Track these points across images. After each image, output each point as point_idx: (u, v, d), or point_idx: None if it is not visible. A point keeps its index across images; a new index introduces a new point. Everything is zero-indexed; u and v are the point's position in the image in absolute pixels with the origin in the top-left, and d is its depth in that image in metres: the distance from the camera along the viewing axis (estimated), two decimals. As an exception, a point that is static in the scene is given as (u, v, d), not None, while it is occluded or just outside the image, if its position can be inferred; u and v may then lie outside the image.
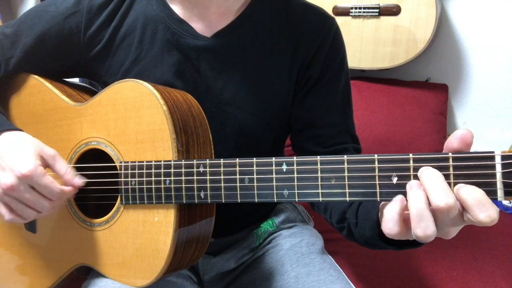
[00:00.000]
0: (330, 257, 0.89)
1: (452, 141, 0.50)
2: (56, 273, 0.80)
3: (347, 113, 0.86)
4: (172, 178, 0.65)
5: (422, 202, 0.48)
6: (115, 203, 0.72)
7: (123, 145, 0.71)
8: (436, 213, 0.48)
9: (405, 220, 0.51)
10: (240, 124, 0.81)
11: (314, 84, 0.82)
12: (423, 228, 0.48)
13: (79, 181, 0.70)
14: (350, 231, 0.72)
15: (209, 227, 0.72)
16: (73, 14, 0.79)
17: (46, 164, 0.69)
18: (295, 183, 0.56)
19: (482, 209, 0.45)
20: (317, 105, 0.83)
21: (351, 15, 1.57)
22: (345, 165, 0.53)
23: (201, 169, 0.63)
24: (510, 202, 1.48)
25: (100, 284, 0.76)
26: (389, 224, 0.51)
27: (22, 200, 0.66)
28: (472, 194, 0.46)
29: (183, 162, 0.64)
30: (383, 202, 0.59)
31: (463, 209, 0.47)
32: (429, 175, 0.48)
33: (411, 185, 0.50)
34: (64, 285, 0.82)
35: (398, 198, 0.51)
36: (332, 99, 0.83)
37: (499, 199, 0.47)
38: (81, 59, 0.82)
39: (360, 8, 1.55)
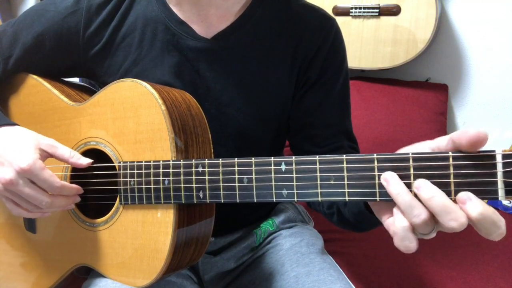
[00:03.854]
0: (330, 257, 0.89)
1: (462, 141, 0.47)
2: (56, 273, 0.80)
3: (345, 114, 0.86)
4: (171, 178, 0.64)
5: (406, 193, 0.48)
6: (114, 203, 0.72)
7: (122, 145, 0.71)
8: (447, 230, 0.47)
9: None
10: (240, 126, 0.81)
11: (312, 84, 0.82)
12: (418, 216, 0.47)
13: (85, 161, 0.70)
14: (339, 213, 0.73)
15: (209, 227, 0.72)
16: (72, 13, 0.79)
17: (47, 155, 0.69)
18: (294, 182, 0.56)
19: (494, 229, 0.46)
20: (315, 106, 0.83)
21: (351, 15, 1.57)
22: (344, 165, 0.53)
23: (200, 169, 0.62)
24: (510, 202, 1.48)
25: (100, 284, 0.76)
26: (405, 242, 0.49)
27: (22, 195, 0.66)
28: (483, 217, 0.45)
29: (181, 162, 0.64)
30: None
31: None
32: (436, 199, 0.47)
33: (386, 178, 0.50)
34: (64, 285, 0.82)
35: (397, 210, 0.50)
36: (330, 99, 0.83)
37: (499, 198, 0.47)
38: (80, 59, 0.82)
39: (360, 8, 1.55)
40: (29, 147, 0.67)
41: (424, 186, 0.48)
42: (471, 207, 0.46)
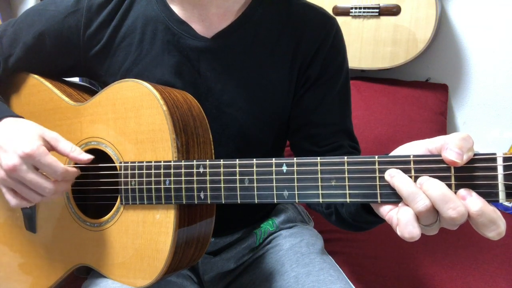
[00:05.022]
0: (330, 257, 0.89)
1: (449, 147, 0.48)
2: (56, 273, 0.80)
3: (345, 114, 0.86)
4: (172, 178, 0.64)
5: (410, 183, 0.49)
6: (115, 203, 0.72)
7: (123, 145, 0.71)
8: (448, 221, 0.48)
9: None
10: (241, 125, 0.81)
11: (312, 83, 0.82)
12: (422, 202, 0.48)
13: (86, 156, 0.70)
14: (338, 213, 0.73)
15: (209, 227, 0.72)
16: (73, 13, 0.79)
17: (49, 147, 0.69)
18: (295, 184, 0.56)
19: (492, 228, 0.46)
20: (315, 105, 0.83)
21: (351, 15, 1.57)
22: (345, 166, 0.53)
23: (201, 170, 0.62)
24: (511, 202, 1.48)
25: (100, 284, 0.76)
26: (408, 227, 0.49)
27: (25, 182, 0.66)
28: (482, 213, 0.46)
29: (183, 162, 0.64)
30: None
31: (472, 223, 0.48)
32: (435, 188, 0.48)
33: (391, 173, 0.51)
34: (64, 285, 0.82)
35: (401, 203, 0.51)
36: (330, 98, 0.83)
37: (500, 201, 0.47)
38: (80, 59, 0.82)
39: (360, 8, 1.55)
40: (33, 135, 0.67)
41: (426, 180, 0.49)
42: (471, 202, 0.47)
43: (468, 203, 0.47)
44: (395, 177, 0.51)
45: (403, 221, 0.49)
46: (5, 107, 0.78)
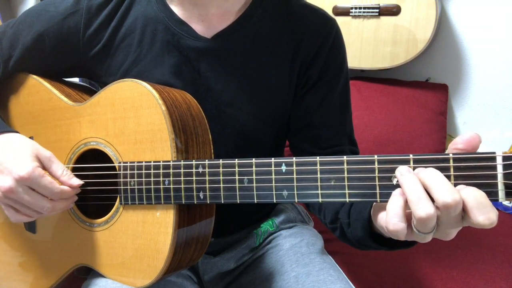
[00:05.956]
0: (330, 257, 0.89)
1: (458, 142, 0.49)
2: (56, 273, 0.80)
3: (345, 115, 0.86)
4: (171, 178, 0.64)
5: (418, 184, 0.48)
6: (115, 204, 0.72)
7: (122, 146, 0.71)
8: (442, 211, 0.47)
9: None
10: (241, 126, 0.81)
11: (313, 84, 0.82)
12: (425, 208, 0.47)
13: (76, 182, 0.70)
14: (342, 231, 0.73)
15: (209, 227, 0.72)
16: (72, 14, 0.79)
17: (42, 167, 0.69)
18: (295, 183, 0.56)
19: (483, 211, 0.45)
20: (315, 106, 0.83)
21: (351, 15, 1.57)
22: (345, 166, 0.53)
23: (200, 170, 0.62)
24: (510, 202, 1.48)
25: (100, 284, 0.76)
26: (394, 219, 0.49)
27: (21, 202, 0.66)
28: (473, 195, 0.46)
29: (182, 162, 0.64)
30: (374, 204, 0.59)
31: (463, 210, 0.47)
32: (431, 174, 0.48)
33: (401, 171, 0.50)
34: (64, 285, 0.82)
35: (398, 191, 0.50)
36: (330, 100, 0.83)
37: (500, 200, 0.47)
38: (80, 59, 0.81)
39: (360, 8, 1.54)
40: (28, 155, 0.67)
41: (423, 169, 0.49)
42: (465, 192, 0.46)
43: (462, 193, 0.46)
44: (404, 175, 0.49)
45: (391, 211, 0.49)
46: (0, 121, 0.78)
